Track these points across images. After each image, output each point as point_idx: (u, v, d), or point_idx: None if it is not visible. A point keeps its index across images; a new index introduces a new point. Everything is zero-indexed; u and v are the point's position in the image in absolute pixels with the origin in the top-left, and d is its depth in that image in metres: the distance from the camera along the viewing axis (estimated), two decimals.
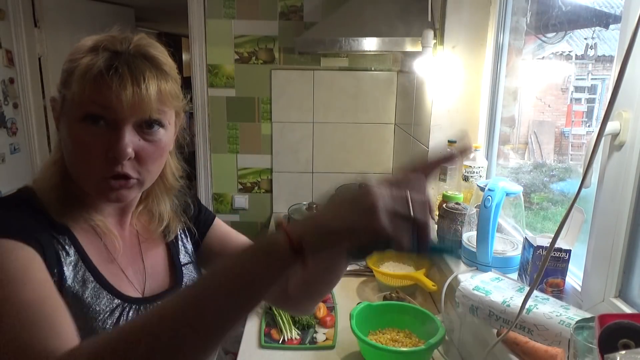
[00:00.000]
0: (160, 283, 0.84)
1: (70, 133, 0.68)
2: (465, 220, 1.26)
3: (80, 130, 0.67)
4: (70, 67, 0.68)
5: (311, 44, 1.72)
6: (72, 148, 0.69)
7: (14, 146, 2.45)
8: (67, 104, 0.68)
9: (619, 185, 0.81)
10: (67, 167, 0.72)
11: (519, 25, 1.41)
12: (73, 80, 0.66)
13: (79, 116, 0.67)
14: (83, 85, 0.65)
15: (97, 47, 0.67)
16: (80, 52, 0.68)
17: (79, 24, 2.86)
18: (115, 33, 0.72)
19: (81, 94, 0.65)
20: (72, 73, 0.67)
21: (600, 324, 0.49)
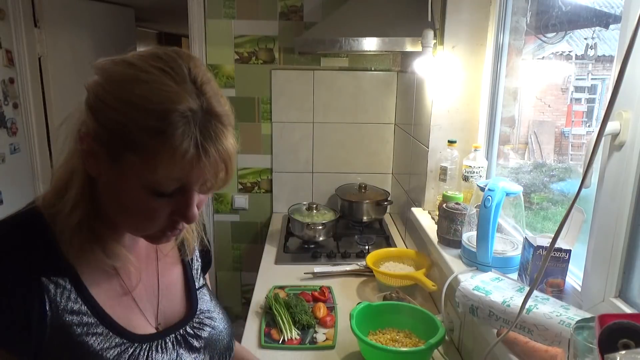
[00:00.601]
0: (176, 309, 0.81)
1: (132, 196, 0.62)
2: (465, 220, 1.26)
3: (148, 198, 0.61)
4: (131, 127, 0.58)
5: (311, 44, 1.72)
6: (130, 209, 0.64)
7: (14, 146, 2.45)
8: (130, 165, 0.59)
9: (619, 185, 0.81)
10: (108, 212, 0.66)
11: (519, 25, 1.41)
12: (150, 152, 0.58)
13: (151, 189, 0.60)
14: (174, 171, 0.59)
15: (178, 113, 0.58)
16: (145, 112, 0.58)
17: (79, 24, 2.86)
18: (168, 62, 0.61)
19: (167, 176, 0.59)
20: (147, 143, 0.57)
21: (600, 324, 0.49)
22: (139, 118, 0.57)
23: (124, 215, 0.66)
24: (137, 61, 0.61)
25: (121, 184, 0.62)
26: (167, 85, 0.58)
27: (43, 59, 2.57)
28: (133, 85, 0.59)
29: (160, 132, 0.57)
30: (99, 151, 0.61)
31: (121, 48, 0.77)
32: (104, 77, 0.61)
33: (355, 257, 1.86)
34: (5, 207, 2.40)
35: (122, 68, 0.61)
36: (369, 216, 2.15)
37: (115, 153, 0.60)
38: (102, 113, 0.60)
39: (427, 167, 1.62)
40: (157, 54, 0.62)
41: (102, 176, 0.63)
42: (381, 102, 2.32)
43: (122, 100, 0.59)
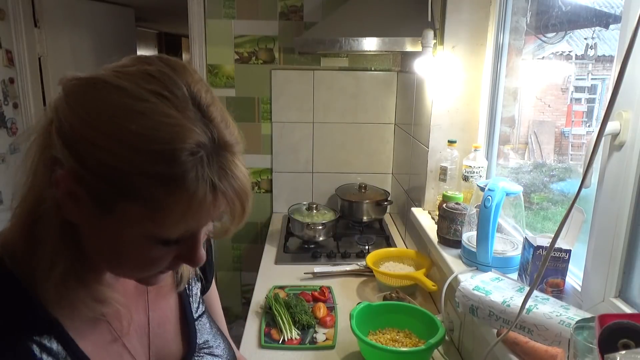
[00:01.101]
0: (172, 347, 0.71)
1: (129, 246, 0.53)
2: (465, 220, 1.26)
3: (150, 247, 0.53)
4: (135, 173, 0.47)
5: (311, 44, 1.72)
6: (126, 259, 0.55)
7: (14, 146, 2.45)
8: (129, 214, 0.50)
9: (619, 185, 0.81)
10: (91, 256, 0.56)
11: (519, 25, 1.41)
12: (160, 200, 0.48)
13: (156, 238, 0.52)
14: (186, 220, 0.50)
15: (193, 149, 0.48)
16: (153, 155, 0.47)
17: (79, 24, 2.86)
18: (169, 86, 0.50)
19: (176, 226, 0.51)
20: (155, 189, 0.48)
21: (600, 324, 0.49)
22: (141, 163, 0.47)
23: (115, 263, 0.57)
24: (125, 83, 0.49)
25: (114, 233, 0.52)
26: (170, 116, 0.48)
27: (43, 59, 2.57)
28: (128, 118, 0.47)
29: (169, 179, 0.47)
30: (82, 197, 0.50)
31: (121, 48, 0.72)
32: (84, 105, 0.49)
33: (355, 257, 1.86)
34: (6, 207, 2.40)
35: (108, 93, 0.49)
36: (369, 216, 2.15)
37: (108, 202, 0.49)
38: (88, 153, 0.48)
39: (427, 167, 1.62)
40: (148, 72, 0.50)
41: (86, 223, 0.53)
42: (381, 102, 2.32)
43: (116, 139, 0.47)
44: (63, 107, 0.50)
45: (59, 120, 0.50)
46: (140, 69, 0.51)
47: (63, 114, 0.50)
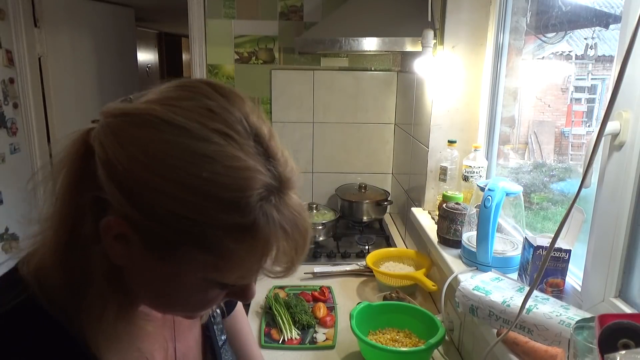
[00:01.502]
0: None
1: (185, 288, 0.50)
2: (465, 220, 1.26)
3: (207, 290, 0.51)
4: (210, 223, 0.45)
5: (311, 44, 1.72)
6: (179, 300, 0.52)
7: (14, 146, 2.45)
8: (192, 258, 0.47)
9: (619, 185, 0.81)
10: (137, 295, 0.54)
11: (519, 25, 1.41)
12: (229, 247, 0.46)
13: (216, 282, 0.50)
14: (254, 265, 0.49)
15: (263, 190, 0.46)
16: (226, 203, 0.44)
17: (79, 24, 2.86)
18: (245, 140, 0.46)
19: (242, 272, 0.49)
20: (226, 237, 0.45)
21: (600, 324, 0.49)
22: (211, 211, 0.44)
23: (164, 303, 0.54)
24: (187, 122, 0.44)
25: (170, 276, 0.49)
26: (237, 159, 0.44)
27: (43, 59, 2.57)
28: (196, 164, 0.43)
29: (241, 227, 0.45)
30: (135, 241, 0.47)
31: (121, 48, 0.70)
32: (143, 147, 0.44)
33: (355, 257, 1.86)
34: (5, 207, 2.40)
35: (171, 135, 0.44)
36: (369, 216, 2.15)
37: (169, 248, 0.46)
38: (149, 201, 0.44)
39: (427, 167, 1.62)
40: (207, 107, 0.46)
41: (136, 266, 0.50)
42: (381, 102, 2.32)
43: (184, 187, 0.43)
44: (114, 148, 0.45)
45: (109, 162, 0.45)
46: (199, 103, 0.46)
47: (115, 155, 0.45)
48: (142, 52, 5.33)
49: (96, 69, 3.06)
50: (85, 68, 2.98)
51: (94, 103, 3.07)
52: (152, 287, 0.52)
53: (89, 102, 3.03)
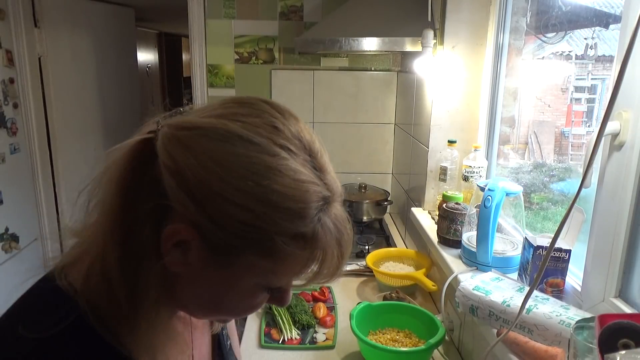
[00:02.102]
0: None
1: (238, 293, 0.53)
2: (465, 220, 1.26)
3: (257, 294, 0.54)
4: (273, 231, 0.48)
5: (311, 44, 1.72)
6: (230, 302, 0.54)
7: (14, 146, 2.45)
8: (250, 265, 0.50)
9: (619, 185, 0.81)
10: (189, 304, 0.56)
11: (519, 25, 1.41)
12: (286, 254, 0.49)
13: (267, 287, 0.54)
14: (306, 271, 0.52)
15: (319, 203, 0.50)
16: (291, 214, 0.48)
17: (79, 24, 2.86)
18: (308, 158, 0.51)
19: (295, 277, 0.53)
20: (286, 244, 0.48)
21: (600, 324, 0.49)
22: (278, 221, 0.47)
23: (209, 309, 0.56)
24: (257, 138, 0.48)
25: (227, 282, 0.52)
26: (300, 172, 0.48)
27: (43, 59, 2.57)
28: (267, 177, 0.46)
29: (304, 237, 0.48)
30: (200, 248, 0.49)
31: (121, 48, 0.70)
32: (218, 160, 0.47)
33: (355, 257, 1.85)
34: (5, 207, 2.40)
35: (244, 149, 0.47)
36: (369, 216, 2.15)
37: (232, 255, 0.49)
38: (222, 211, 0.46)
39: (427, 167, 1.62)
40: (273, 124, 0.50)
41: (192, 273, 0.52)
42: (381, 102, 2.32)
43: (257, 198, 0.46)
44: (186, 158, 0.47)
45: (180, 171, 0.47)
46: (264, 120, 0.50)
47: (187, 166, 0.47)
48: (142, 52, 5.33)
49: (96, 69, 3.06)
50: (85, 68, 2.98)
51: (94, 103, 3.07)
52: (203, 293, 0.53)
53: (89, 102, 3.03)
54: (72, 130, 2.83)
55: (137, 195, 0.49)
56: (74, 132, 2.85)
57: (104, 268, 0.50)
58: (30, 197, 2.60)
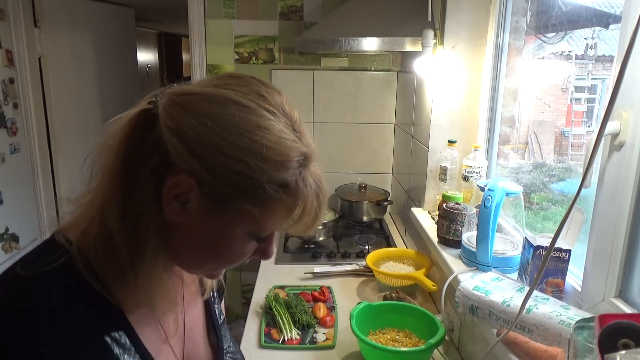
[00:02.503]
0: (200, 351, 0.76)
1: (230, 239, 0.59)
2: (465, 220, 1.26)
3: (246, 239, 0.60)
4: (262, 180, 0.54)
5: (311, 44, 1.72)
6: (222, 250, 0.60)
7: (14, 146, 2.45)
8: (240, 213, 0.56)
9: (619, 185, 0.81)
10: (183, 255, 0.61)
11: (519, 25, 1.41)
12: (272, 203, 0.56)
13: (256, 234, 0.60)
14: (290, 218, 0.59)
15: (299, 160, 0.57)
16: (277, 165, 0.55)
17: (79, 24, 2.86)
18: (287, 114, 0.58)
19: (281, 224, 0.59)
20: (272, 194, 0.55)
21: (600, 324, 0.49)
22: (267, 170, 0.54)
23: (203, 259, 0.62)
24: (247, 101, 0.56)
25: (218, 230, 0.58)
26: (283, 132, 0.56)
27: (43, 59, 2.57)
28: (257, 134, 0.54)
29: (286, 185, 0.56)
30: (198, 199, 0.55)
31: (121, 48, 0.71)
32: (215, 120, 0.54)
33: (355, 257, 1.86)
34: (5, 207, 2.40)
35: (238, 111, 0.55)
36: (369, 216, 2.15)
37: (227, 203, 0.56)
38: (219, 163, 0.54)
39: (427, 167, 1.62)
40: (259, 93, 0.58)
41: (187, 222, 0.58)
42: (381, 102, 2.32)
43: (249, 151, 0.54)
44: (186, 119, 0.54)
45: (181, 130, 0.53)
46: (253, 89, 0.58)
47: (187, 125, 0.53)
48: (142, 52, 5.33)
49: (96, 69, 3.06)
50: (85, 68, 2.98)
51: (94, 103, 3.07)
52: (197, 242, 0.60)
53: (89, 102, 3.03)
54: (72, 130, 2.83)
55: (138, 157, 0.56)
56: (74, 132, 2.85)
57: (104, 223, 0.56)
58: (30, 197, 2.60)
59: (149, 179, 0.55)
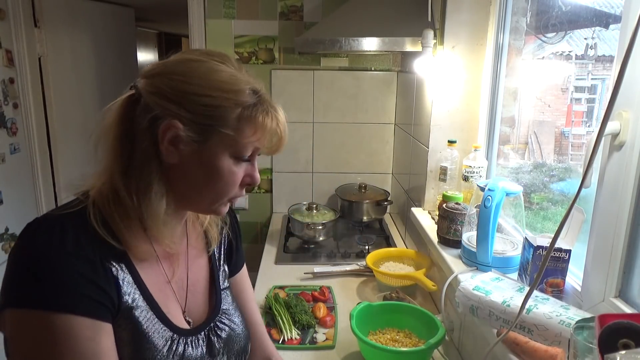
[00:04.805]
0: (200, 306, 0.85)
1: (220, 165, 0.71)
2: (465, 220, 1.26)
3: (232, 164, 0.72)
4: (227, 106, 0.69)
5: (311, 44, 1.72)
6: (214, 181, 0.72)
7: (14, 146, 2.45)
8: (220, 139, 0.70)
9: (619, 185, 0.81)
10: (186, 193, 0.74)
11: (519, 25, 1.41)
12: (240, 123, 0.70)
13: (237, 154, 0.72)
14: (259, 135, 0.72)
15: (251, 92, 0.72)
16: (234, 93, 0.70)
17: (79, 24, 2.86)
18: (239, 67, 0.75)
19: (252, 141, 0.72)
20: (238, 117, 0.70)
21: (600, 324, 0.49)
22: (229, 98, 0.69)
23: (204, 190, 0.73)
24: (202, 57, 0.72)
25: (208, 158, 0.71)
26: (238, 75, 0.72)
27: (43, 59, 2.57)
28: (216, 74, 0.70)
29: (247, 106, 0.70)
30: (185, 136, 0.69)
31: (121, 48, 0.77)
32: (181, 72, 0.70)
33: (355, 257, 1.86)
34: (5, 207, 2.40)
35: (196, 64, 0.70)
36: (369, 216, 2.15)
37: (207, 132, 0.69)
38: (192, 101, 0.68)
39: (427, 167, 1.62)
40: (208, 52, 0.74)
41: (183, 160, 0.70)
42: (381, 102, 2.32)
43: (211, 87, 0.69)
44: (160, 79, 0.69)
45: (158, 88, 0.69)
46: (202, 51, 0.74)
47: (161, 83, 0.69)
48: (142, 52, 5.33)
49: (96, 69, 3.06)
50: (85, 68, 2.98)
51: (94, 103, 3.07)
52: (194, 176, 0.72)
53: (89, 102, 3.03)
54: (72, 130, 2.82)
55: (132, 124, 0.70)
56: (74, 132, 2.84)
57: (112, 181, 0.70)
58: (30, 197, 2.60)
59: (144, 136, 0.69)
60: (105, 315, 0.66)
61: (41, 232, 0.66)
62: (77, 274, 0.64)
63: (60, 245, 0.64)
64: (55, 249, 0.64)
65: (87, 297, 0.64)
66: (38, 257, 0.63)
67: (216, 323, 0.84)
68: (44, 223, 0.67)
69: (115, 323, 0.68)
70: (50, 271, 0.62)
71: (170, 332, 0.75)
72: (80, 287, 0.64)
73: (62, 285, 0.63)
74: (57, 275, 0.63)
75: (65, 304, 0.63)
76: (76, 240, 0.66)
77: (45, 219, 0.68)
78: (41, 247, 0.64)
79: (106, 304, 0.66)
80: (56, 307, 0.62)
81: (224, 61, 0.73)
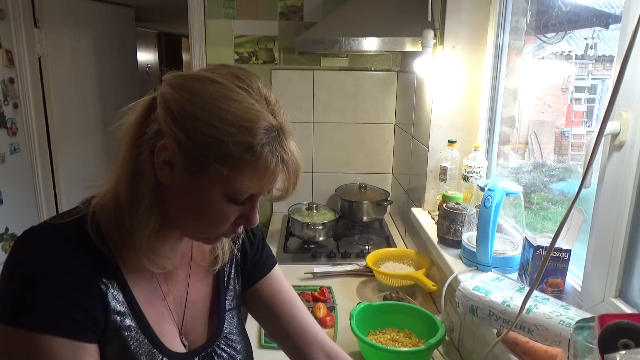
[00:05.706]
0: (199, 327, 0.81)
1: (208, 203, 0.66)
2: (465, 220, 1.26)
3: (223, 205, 0.66)
4: (227, 142, 0.61)
5: (311, 44, 1.72)
6: (202, 215, 0.67)
7: (14, 146, 2.45)
8: (215, 174, 0.63)
9: (619, 185, 0.81)
10: (175, 215, 0.69)
11: (519, 25, 1.41)
12: (239, 164, 0.63)
13: (231, 196, 0.66)
14: (258, 182, 0.65)
15: (265, 130, 0.63)
16: (242, 129, 0.62)
17: (79, 24, 2.86)
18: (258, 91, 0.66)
19: (250, 185, 0.65)
20: (238, 156, 0.62)
21: (600, 324, 0.49)
22: (233, 134, 0.61)
23: (191, 220, 0.69)
24: (222, 80, 0.65)
25: (199, 191, 0.66)
26: (253, 104, 0.64)
27: (43, 59, 2.57)
28: (229, 103, 0.63)
29: (251, 147, 0.62)
30: (180, 161, 0.64)
31: (121, 48, 0.75)
32: (192, 92, 0.64)
33: (355, 257, 1.86)
34: (5, 207, 2.40)
35: (211, 85, 0.64)
36: (369, 216, 2.15)
37: (202, 164, 0.63)
38: (193, 127, 0.62)
39: (427, 167, 1.62)
40: (235, 74, 0.67)
41: (175, 184, 0.66)
42: (381, 102, 2.32)
43: (217, 117, 0.62)
44: (172, 94, 0.64)
45: (167, 102, 0.64)
46: (230, 71, 0.67)
47: (172, 98, 0.64)
48: (142, 52, 5.33)
49: (96, 69, 3.06)
50: (85, 68, 2.98)
51: (94, 103, 3.07)
52: (184, 203, 0.67)
53: (89, 102, 3.03)
54: (72, 130, 2.83)
55: (142, 133, 0.66)
56: (74, 132, 2.85)
57: (115, 189, 0.68)
58: (30, 197, 2.60)
59: (146, 145, 0.65)
60: (88, 336, 0.64)
61: (33, 247, 0.65)
62: (60, 294, 0.62)
63: (49, 263, 0.63)
64: (43, 268, 0.63)
65: (68, 317, 0.62)
66: (24, 274, 0.62)
67: (214, 348, 0.80)
68: (38, 237, 0.66)
69: (102, 342, 0.66)
70: (32, 290, 0.61)
71: (160, 355, 0.71)
72: (63, 307, 0.62)
73: (44, 305, 0.61)
74: (39, 294, 0.61)
75: (45, 323, 0.61)
76: (66, 256, 0.65)
77: (40, 231, 0.67)
78: (29, 264, 0.63)
79: (89, 324, 0.64)
80: (35, 326, 0.61)
81: (249, 89, 0.65)
